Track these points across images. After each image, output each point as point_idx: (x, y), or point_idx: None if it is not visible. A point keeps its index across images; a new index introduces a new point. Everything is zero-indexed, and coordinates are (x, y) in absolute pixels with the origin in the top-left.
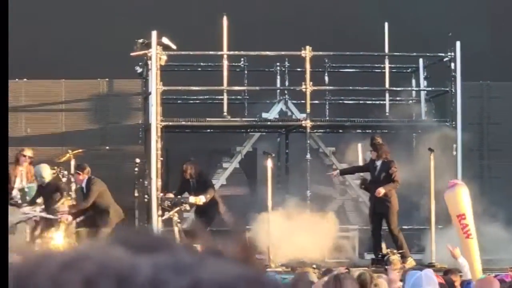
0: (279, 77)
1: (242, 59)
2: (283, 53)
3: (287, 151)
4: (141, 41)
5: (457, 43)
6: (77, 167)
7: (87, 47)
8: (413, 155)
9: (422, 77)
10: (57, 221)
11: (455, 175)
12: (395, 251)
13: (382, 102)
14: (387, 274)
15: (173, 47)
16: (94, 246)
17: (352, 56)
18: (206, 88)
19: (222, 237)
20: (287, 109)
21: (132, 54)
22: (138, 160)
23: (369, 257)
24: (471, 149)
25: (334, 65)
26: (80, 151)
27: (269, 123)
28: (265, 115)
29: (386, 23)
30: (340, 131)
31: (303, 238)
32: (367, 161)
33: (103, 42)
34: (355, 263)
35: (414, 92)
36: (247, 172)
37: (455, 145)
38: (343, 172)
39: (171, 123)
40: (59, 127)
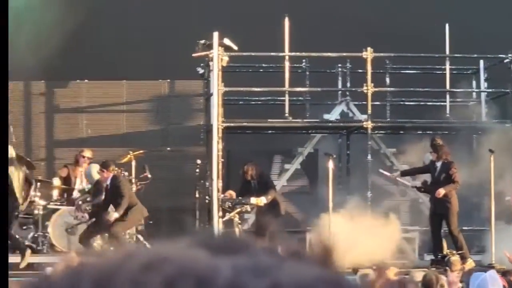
0: (340, 78)
1: (303, 60)
2: (344, 54)
3: (348, 152)
4: (202, 42)
5: None
6: (102, 164)
7: (149, 48)
8: (473, 156)
9: (482, 78)
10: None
11: None
12: (455, 252)
13: (442, 103)
14: (447, 275)
15: (235, 48)
16: (173, 247)
17: (413, 57)
18: (267, 89)
19: (283, 238)
20: (348, 110)
21: (194, 55)
22: (199, 161)
23: (429, 258)
24: None
25: (395, 66)
26: (141, 152)
27: (330, 124)
28: (326, 116)
29: (446, 25)
30: (400, 132)
31: (364, 239)
32: (426, 163)
33: (165, 43)
34: (415, 264)
35: (474, 93)
36: (308, 173)
37: None
38: (403, 173)
39: (232, 124)
40: (120, 128)
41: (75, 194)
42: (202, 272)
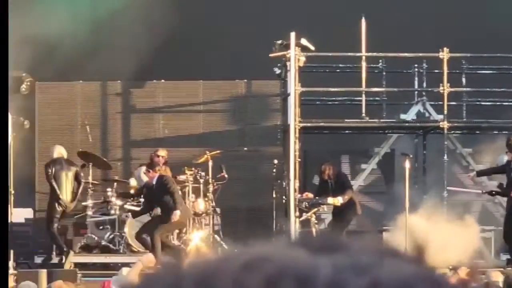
0: (417, 78)
1: (380, 61)
2: (420, 54)
3: (425, 152)
4: (279, 42)
5: None
6: (148, 165)
7: (226, 48)
8: None
9: None
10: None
11: None
12: None
13: None
14: None
15: (312, 48)
16: (273, 247)
17: (489, 57)
18: (344, 89)
19: (358, 238)
20: (424, 110)
21: (271, 55)
22: (276, 161)
23: (505, 257)
24: None
25: (471, 66)
26: (217, 152)
27: (407, 124)
28: (403, 116)
29: None
30: (476, 132)
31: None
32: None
33: (243, 43)
34: (492, 264)
35: None
36: (385, 173)
37: None
38: (479, 173)
39: (309, 124)
40: (197, 128)
41: None
42: (302, 271)
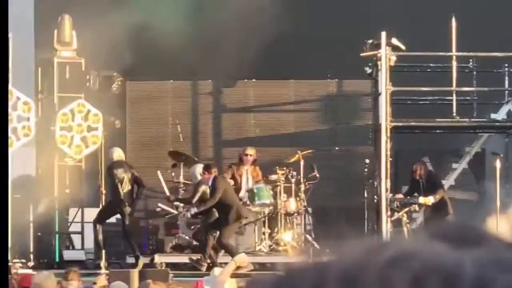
0: (507, 78)
1: (470, 60)
2: (511, 54)
3: None
4: (370, 41)
5: None
6: (204, 167)
7: (317, 47)
8: None
9: None
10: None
11: None
12: None
13: None
14: None
15: (402, 47)
16: (416, 241)
17: None
18: (435, 89)
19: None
20: None
21: (361, 54)
22: (367, 160)
23: None
24: None
25: None
26: (309, 151)
27: (497, 123)
28: (493, 115)
29: None
30: None
31: None
32: None
33: (333, 42)
34: None
35: None
36: (475, 172)
37: None
38: None
39: (400, 124)
40: (288, 128)
41: (242, 193)
42: (447, 267)
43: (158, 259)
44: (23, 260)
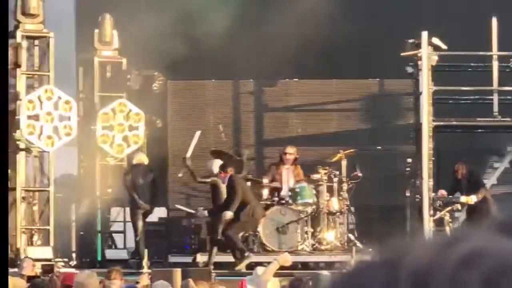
0: None
1: (511, 59)
2: None
3: None
4: (411, 41)
5: None
6: (221, 166)
7: (359, 47)
8: None
9: None
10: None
11: None
12: None
13: None
14: None
15: (444, 47)
16: (484, 237)
17: None
18: (476, 88)
19: None
20: None
21: (403, 54)
22: (409, 160)
23: None
24: None
25: None
26: (351, 151)
27: None
28: None
29: None
30: None
31: None
32: None
33: (375, 42)
34: None
35: None
36: None
37: None
38: None
39: (442, 123)
40: (330, 127)
41: (284, 192)
42: None
43: (200, 258)
44: (65, 259)
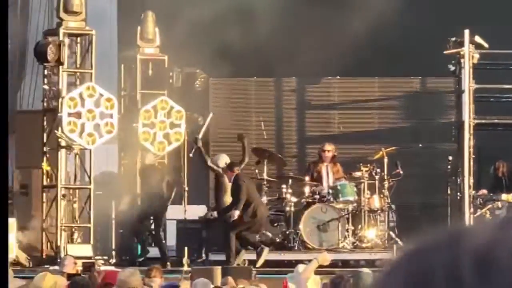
0: None
1: None
2: None
3: None
4: (454, 39)
5: None
6: (228, 166)
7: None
8: None
9: None
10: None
11: None
12: None
13: None
14: None
15: (485, 45)
16: None
17: None
18: None
19: None
20: None
21: (445, 52)
22: (450, 157)
23: None
24: None
25: None
26: (392, 148)
27: None
28: None
29: None
30: None
31: None
32: None
33: (417, 40)
34: None
35: None
36: None
37: None
38: None
39: (483, 121)
40: (372, 125)
41: (324, 190)
42: None
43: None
44: (105, 257)
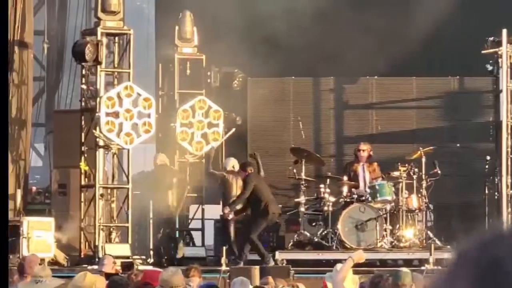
0: None
1: None
2: None
3: None
4: (491, 39)
5: None
6: (241, 165)
7: (439, 46)
8: None
9: None
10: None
11: None
12: None
13: None
14: None
15: None
16: None
17: None
18: None
19: None
20: None
21: (483, 52)
22: (488, 157)
23: None
24: None
25: None
26: (430, 148)
27: None
28: None
29: None
30: None
31: None
32: None
33: (455, 40)
34: None
35: None
36: None
37: None
38: None
39: None
40: (409, 125)
41: (361, 189)
42: None
43: (279, 255)
44: (143, 256)
